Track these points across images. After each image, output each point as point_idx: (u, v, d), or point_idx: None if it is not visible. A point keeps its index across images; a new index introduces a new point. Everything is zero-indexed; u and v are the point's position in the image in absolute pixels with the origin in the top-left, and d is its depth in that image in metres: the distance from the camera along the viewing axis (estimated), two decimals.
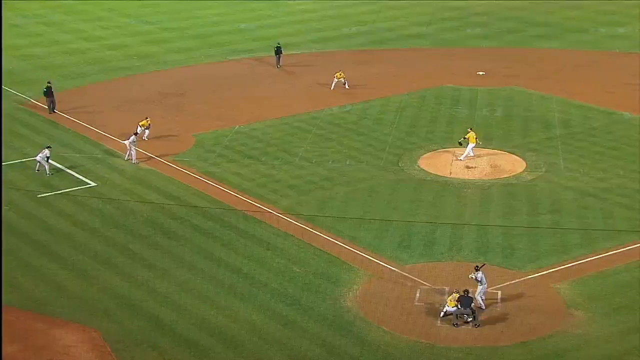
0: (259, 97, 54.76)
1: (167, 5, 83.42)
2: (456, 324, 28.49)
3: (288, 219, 36.71)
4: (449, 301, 28.76)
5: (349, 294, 30.68)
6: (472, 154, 42.47)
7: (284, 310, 29.61)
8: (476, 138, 42.46)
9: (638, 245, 33.81)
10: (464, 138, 42.90)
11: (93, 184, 40.54)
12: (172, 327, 28.56)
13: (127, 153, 43.21)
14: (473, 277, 29.54)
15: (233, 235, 35.24)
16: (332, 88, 55.34)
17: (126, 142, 43.34)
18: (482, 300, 29.49)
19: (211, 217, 36.90)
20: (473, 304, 28.50)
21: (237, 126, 49.03)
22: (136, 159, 42.93)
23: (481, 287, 29.53)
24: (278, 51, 61.71)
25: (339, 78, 55.28)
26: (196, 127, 48.04)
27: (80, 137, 46.98)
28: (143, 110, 52.09)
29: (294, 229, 35.85)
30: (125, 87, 57.35)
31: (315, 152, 44.75)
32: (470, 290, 28.98)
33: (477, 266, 29.74)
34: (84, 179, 41.08)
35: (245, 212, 37.42)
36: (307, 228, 35.88)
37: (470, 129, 43.16)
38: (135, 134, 43.68)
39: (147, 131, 46.08)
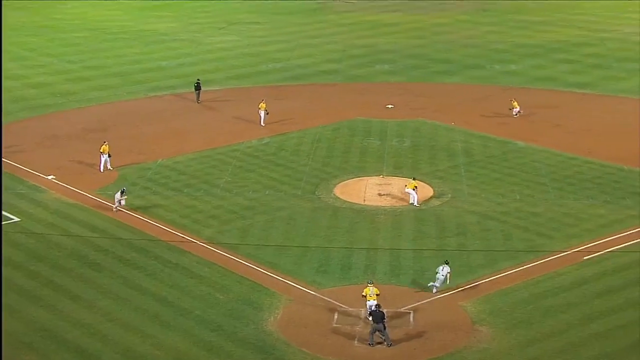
0: (181, 131, 54.24)
1: (88, 44, 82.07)
2: (371, 343, 28.64)
3: (211, 248, 36.32)
4: (367, 295, 29.53)
5: (270, 318, 30.50)
6: (413, 198, 41.40)
7: (208, 336, 29.19)
8: (415, 187, 41.41)
9: (535, 264, 34.88)
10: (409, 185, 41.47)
11: (16, 219, 39.12)
12: (97, 357, 27.72)
13: (116, 205, 39.86)
14: (442, 270, 31.76)
15: (157, 265, 34.59)
16: (262, 123, 54.35)
17: (117, 198, 39.90)
18: (437, 285, 31.84)
19: (135, 248, 36.13)
20: (386, 320, 28.58)
21: (160, 159, 48.37)
22: (117, 206, 39.80)
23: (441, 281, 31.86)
24: (198, 87, 61.40)
25: (262, 108, 54.87)
26: (119, 161, 47.12)
27: (3, 174, 45.30)
28: (67, 145, 50.92)
29: (216, 257, 35.48)
30: (49, 123, 55.84)
31: (236, 183, 44.54)
32: (381, 305, 29.20)
33: (447, 260, 32.36)
34: (7, 214, 39.57)
35: (169, 242, 36.82)
36: (229, 256, 35.57)
37: (414, 179, 42.25)
38: (122, 191, 40.01)
39: (108, 159, 45.28)
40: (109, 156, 45.91)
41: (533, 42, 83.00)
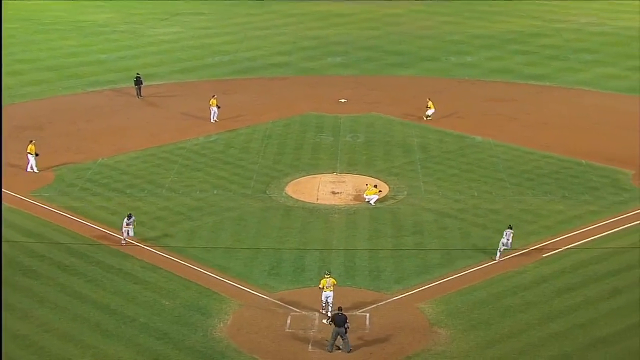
0: (122, 128, 53.58)
1: (19, 36, 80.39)
2: (330, 349, 28.68)
3: (156, 252, 35.98)
4: (324, 287, 30.11)
5: (220, 324, 30.39)
6: (372, 201, 41.46)
7: (154, 344, 28.93)
8: (379, 191, 41.75)
9: (492, 263, 35.44)
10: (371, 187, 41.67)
11: None
12: None
13: (125, 236, 36.55)
14: (506, 236, 34.72)
15: (99, 271, 34.13)
16: (212, 119, 54.11)
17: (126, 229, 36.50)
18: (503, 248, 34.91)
19: (75, 253, 35.58)
20: (347, 324, 28.66)
21: (100, 159, 47.69)
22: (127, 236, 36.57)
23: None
24: (138, 81, 60.70)
25: (213, 105, 54.51)
26: (55, 161, 46.30)
27: None
28: None
29: (162, 261, 35.18)
30: None
31: (182, 183, 44.20)
32: (342, 307, 29.33)
33: (510, 225, 35.58)
34: None
35: (111, 246, 36.34)
36: (175, 260, 35.30)
37: (375, 186, 42.06)
38: (129, 216, 36.67)
39: (33, 159, 44.58)
40: (36, 155, 44.93)
41: (488, 33, 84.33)
